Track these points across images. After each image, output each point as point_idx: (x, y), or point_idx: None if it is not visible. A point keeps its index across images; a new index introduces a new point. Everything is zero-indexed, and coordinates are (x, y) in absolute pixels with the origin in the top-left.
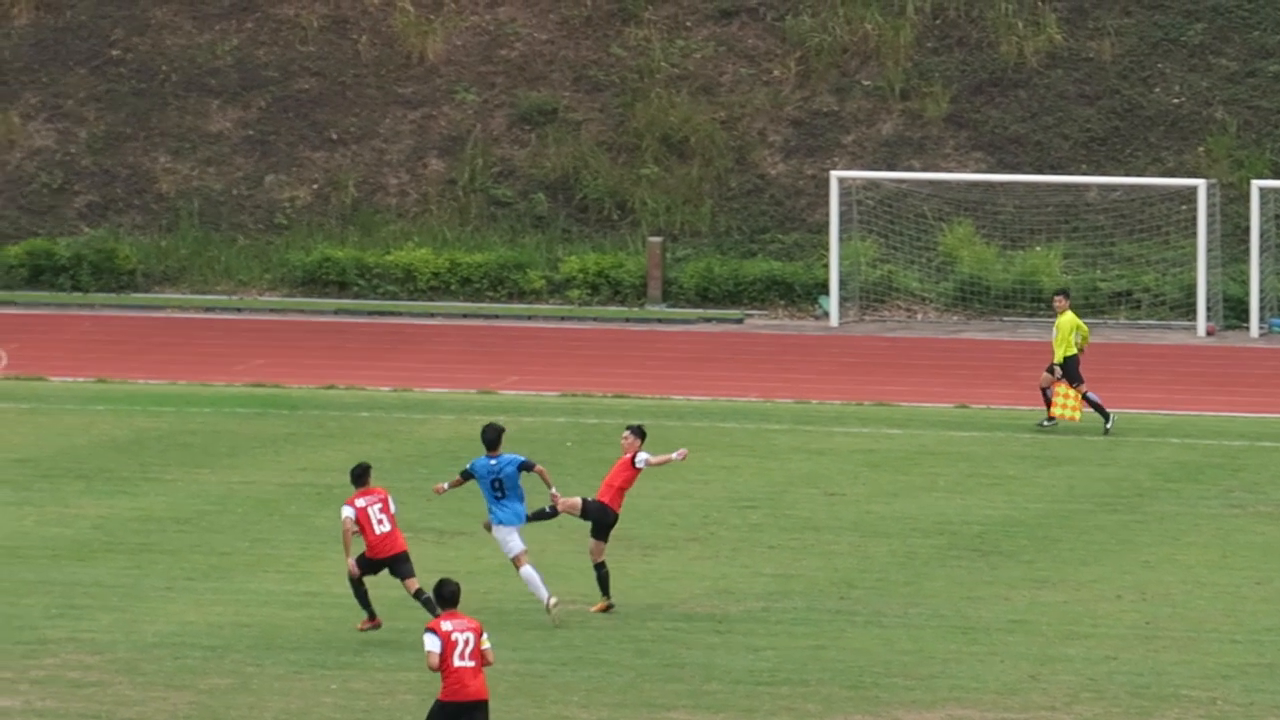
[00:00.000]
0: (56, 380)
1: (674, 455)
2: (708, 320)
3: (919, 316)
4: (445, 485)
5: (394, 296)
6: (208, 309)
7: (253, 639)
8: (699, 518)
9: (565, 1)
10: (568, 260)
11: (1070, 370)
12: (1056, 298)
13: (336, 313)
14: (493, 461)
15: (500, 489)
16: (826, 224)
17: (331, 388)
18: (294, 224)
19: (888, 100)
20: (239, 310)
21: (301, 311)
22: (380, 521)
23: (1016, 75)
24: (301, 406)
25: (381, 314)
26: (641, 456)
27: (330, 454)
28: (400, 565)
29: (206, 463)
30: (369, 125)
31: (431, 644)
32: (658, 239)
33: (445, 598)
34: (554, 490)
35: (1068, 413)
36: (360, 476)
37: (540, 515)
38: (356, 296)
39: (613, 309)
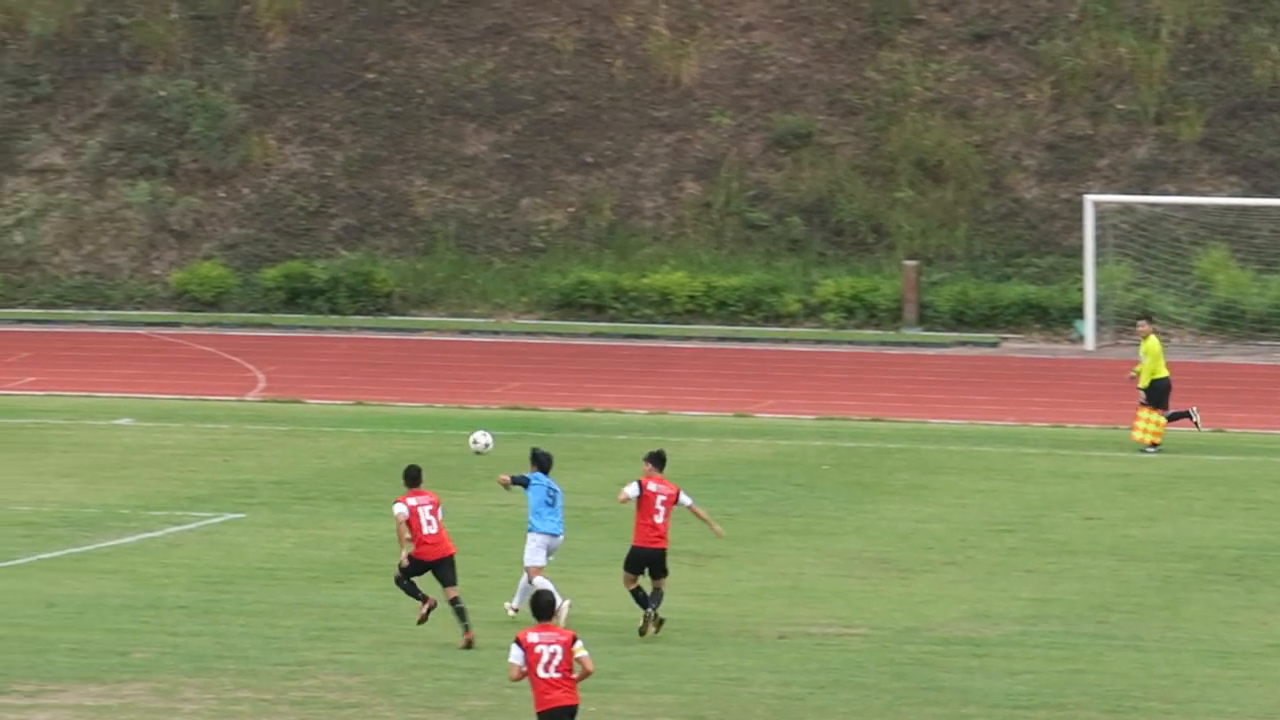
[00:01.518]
0: (314, 403)
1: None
2: (963, 344)
3: (1175, 340)
4: (509, 477)
5: (650, 320)
6: (464, 332)
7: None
8: (956, 541)
9: (820, 25)
10: (823, 284)
11: (1158, 394)
12: (1140, 323)
13: (593, 336)
14: (549, 481)
15: (553, 501)
16: (1081, 248)
17: (588, 410)
18: (550, 247)
19: (1142, 124)
20: (495, 333)
21: (558, 334)
22: (429, 523)
23: (1271, 99)
24: (558, 429)
25: (637, 337)
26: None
27: (587, 477)
28: (444, 570)
29: (463, 485)
30: (624, 148)
31: (515, 656)
32: (913, 262)
33: (540, 609)
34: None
35: (1148, 438)
36: (413, 478)
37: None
38: (612, 319)
39: (868, 332)
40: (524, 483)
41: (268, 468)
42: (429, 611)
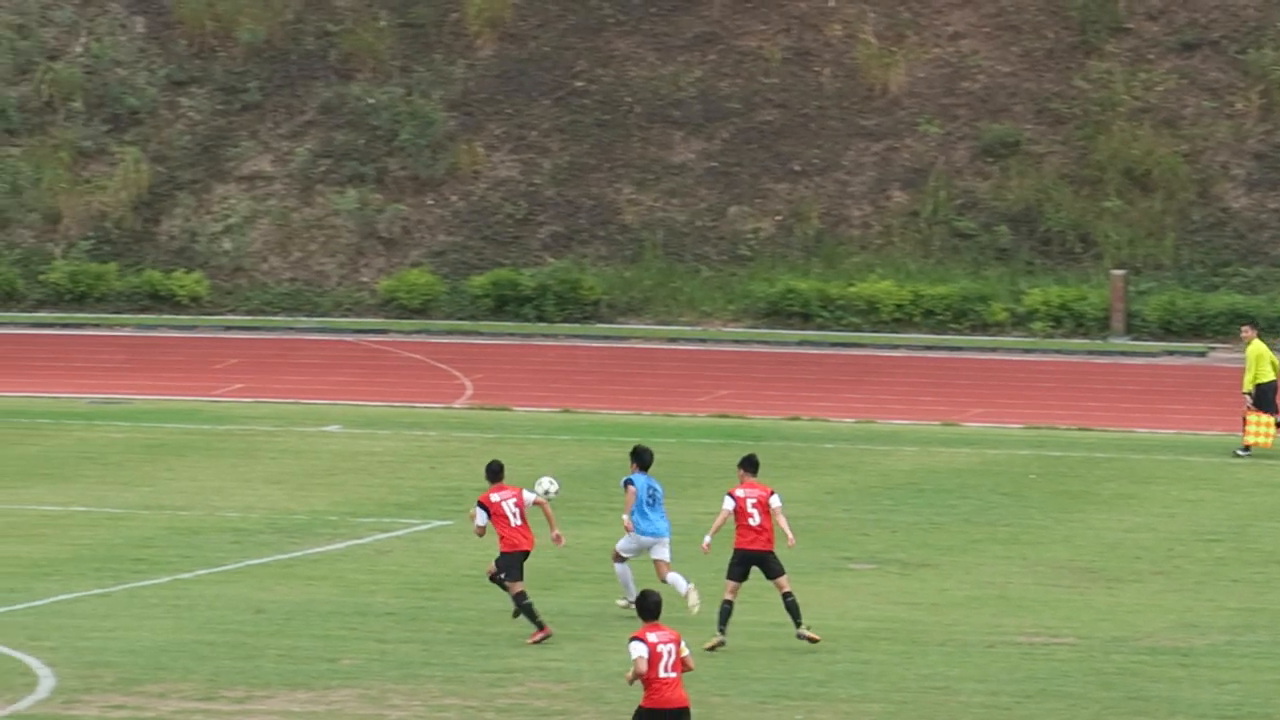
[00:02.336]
0: (521, 410)
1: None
2: (1170, 353)
3: None
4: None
5: (857, 328)
6: (671, 340)
7: (718, 669)
8: (1163, 551)
9: (1028, 34)
10: (1030, 293)
11: (1264, 398)
12: (1245, 328)
13: (800, 344)
14: (650, 480)
15: (653, 500)
16: None
17: (795, 419)
18: (757, 255)
19: None
20: (702, 341)
21: (764, 343)
22: (513, 515)
23: None
24: (765, 437)
25: (844, 345)
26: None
27: (794, 485)
28: (522, 563)
29: (671, 493)
30: (832, 157)
31: (640, 651)
32: (1120, 272)
33: (648, 609)
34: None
35: (1261, 440)
36: (495, 472)
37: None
38: (819, 328)
39: (1075, 341)
40: (629, 484)
41: (475, 475)
42: (541, 639)
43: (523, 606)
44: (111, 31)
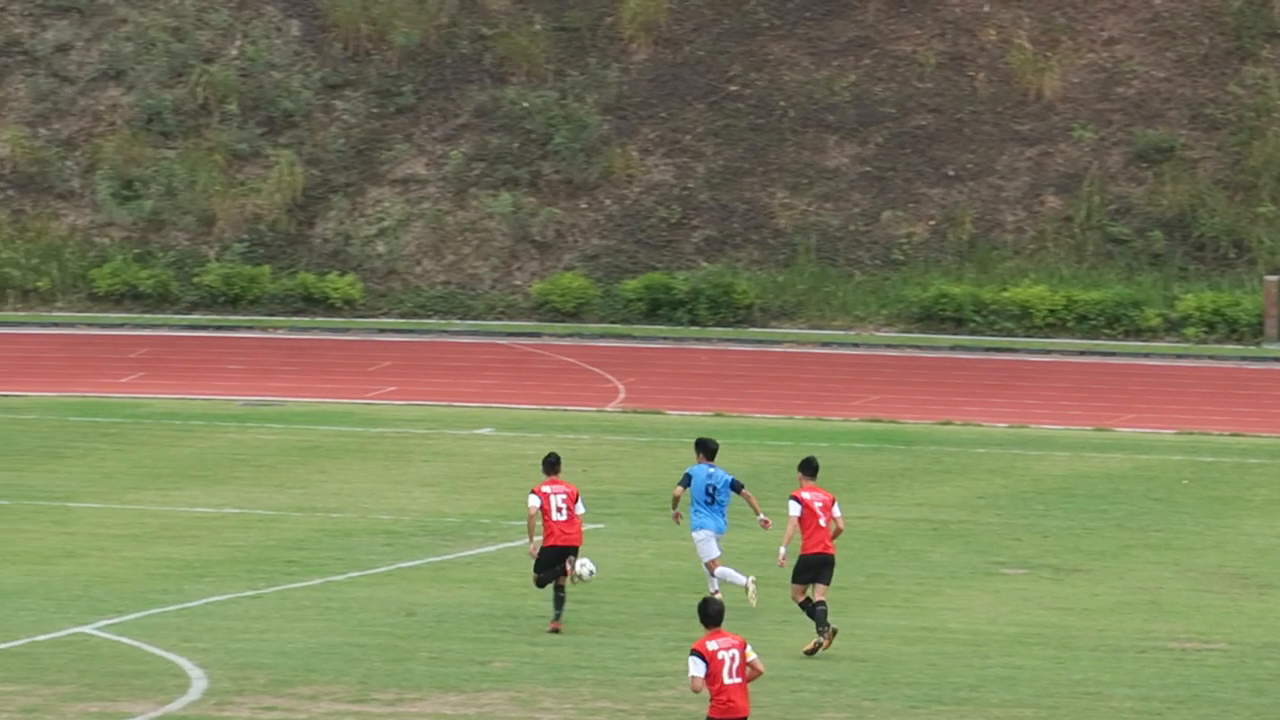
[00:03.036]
0: (674, 414)
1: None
2: None
3: None
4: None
5: (1010, 333)
6: (824, 344)
7: (868, 674)
8: None
9: (1182, 39)
10: (1184, 298)
11: None
12: None
13: (952, 349)
14: (710, 470)
15: (712, 496)
16: None
17: (947, 423)
18: (910, 260)
19: None
20: (855, 345)
21: (917, 347)
22: (560, 510)
23: None
24: (917, 442)
25: (997, 350)
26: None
27: (946, 490)
28: (570, 557)
29: None
30: (985, 162)
31: (696, 668)
32: (1275, 278)
33: (710, 616)
34: (761, 515)
35: None
36: (551, 465)
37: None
38: (972, 333)
39: (1229, 347)
40: (685, 482)
41: (627, 478)
42: (554, 631)
43: (558, 595)
44: (267, 35)
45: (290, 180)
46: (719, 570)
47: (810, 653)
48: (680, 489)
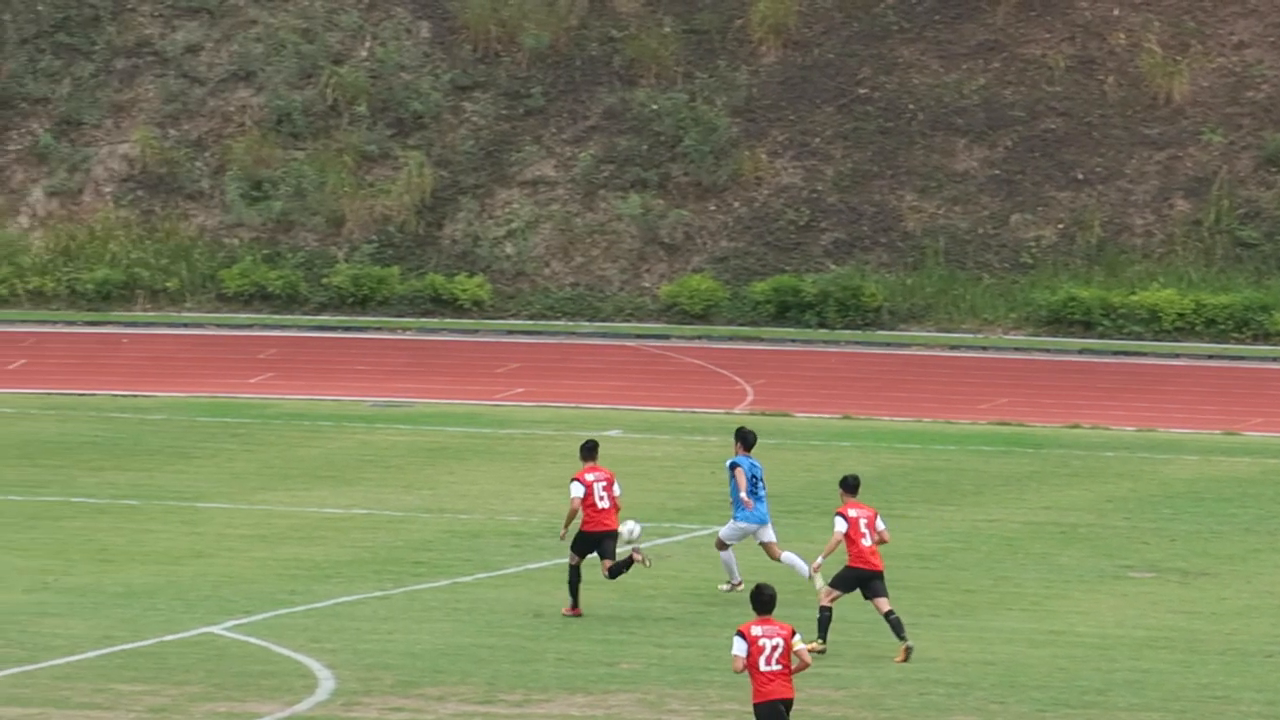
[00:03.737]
0: (801, 416)
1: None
2: None
3: None
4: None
5: (1138, 337)
6: (952, 347)
7: (996, 677)
8: None
9: None
10: None
11: None
12: None
13: (1081, 352)
14: (752, 460)
15: (755, 486)
16: None
17: (1075, 426)
18: (1039, 263)
19: None
20: (984, 349)
21: (1046, 350)
22: (601, 498)
23: None
24: (1045, 445)
25: (1125, 354)
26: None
27: (1074, 493)
28: (606, 543)
29: (951, 500)
30: (1114, 165)
31: (739, 648)
32: None
33: (763, 602)
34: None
35: None
36: (589, 451)
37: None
38: (1101, 336)
39: None
40: (735, 467)
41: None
42: (573, 617)
43: (575, 579)
44: (396, 36)
45: (419, 181)
46: (723, 557)
47: (904, 660)
48: (744, 476)
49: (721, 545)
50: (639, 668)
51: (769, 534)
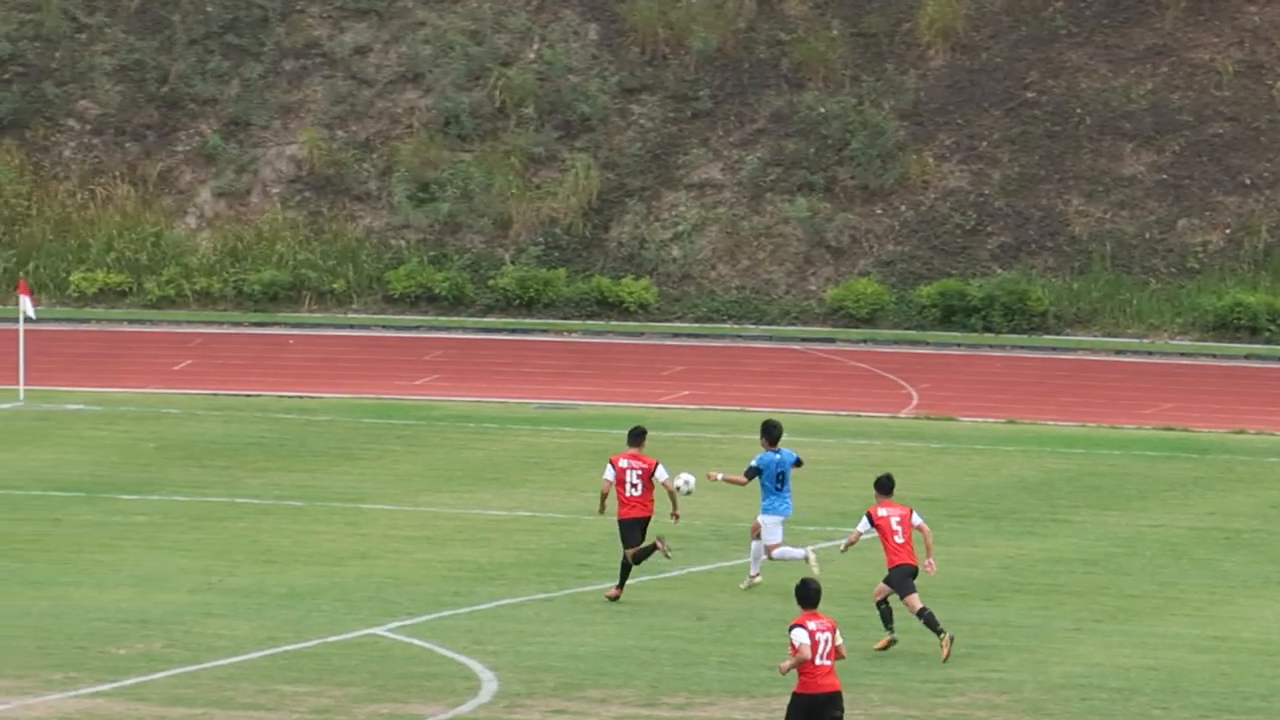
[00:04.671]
0: (966, 420)
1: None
2: None
3: None
4: (720, 475)
5: None
6: (1118, 352)
7: (1159, 682)
8: None
9: None
10: None
11: None
12: None
13: (1246, 358)
14: (776, 456)
15: (781, 482)
16: None
17: (1240, 432)
18: (1205, 268)
19: None
20: (1149, 354)
21: (1211, 356)
22: (633, 486)
23: None
24: (1210, 450)
25: None
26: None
27: (1238, 498)
28: (637, 531)
29: (1115, 505)
30: None
31: (802, 638)
32: None
33: (808, 597)
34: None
35: None
36: (636, 437)
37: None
38: (1267, 342)
39: None
40: (755, 473)
41: (920, 485)
42: (614, 598)
43: (625, 565)
44: (564, 38)
45: (586, 184)
46: (777, 551)
47: (948, 653)
48: (743, 478)
49: (769, 550)
50: None
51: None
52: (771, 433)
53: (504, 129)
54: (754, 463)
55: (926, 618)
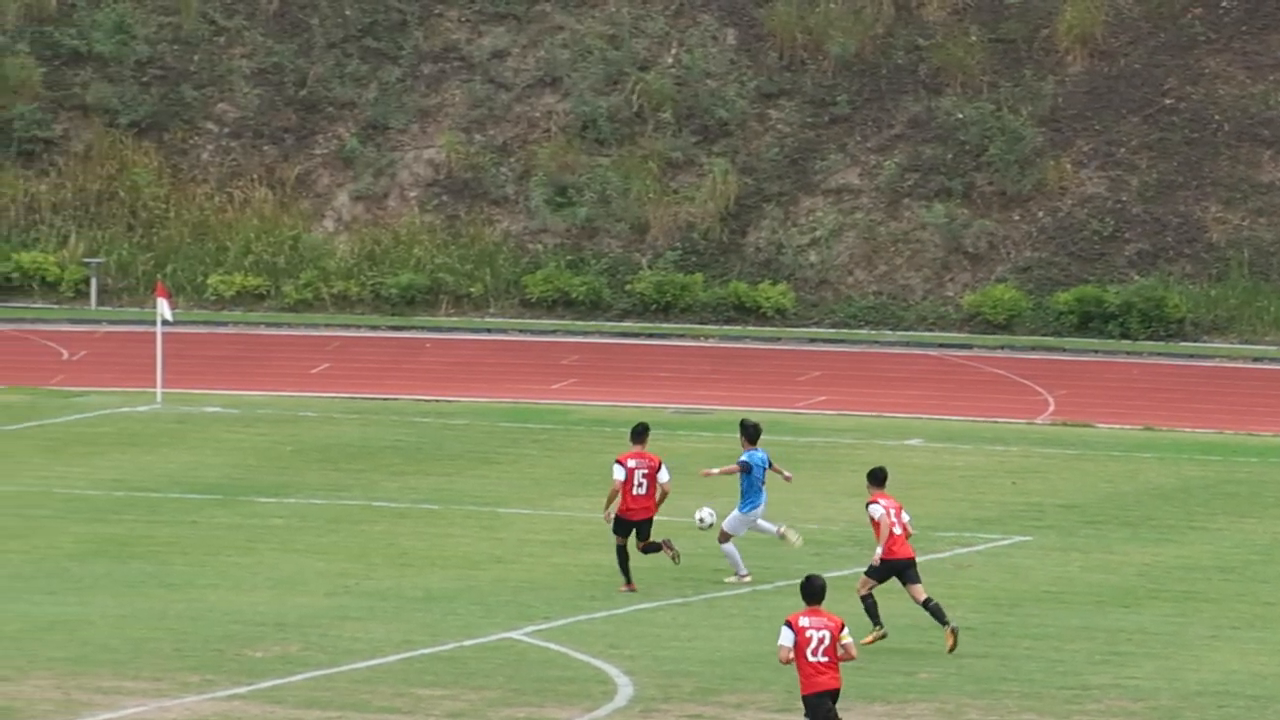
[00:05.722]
0: (1103, 427)
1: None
2: None
3: None
4: (716, 470)
5: None
6: (1255, 359)
7: None
8: None
9: None
10: None
11: None
12: None
13: None
14: (759, 454)
15: (763, 479)
16: None
17: None
18: None
19: None
20: None
21: None
22: (639, 485)
23: None
24: None
25: None
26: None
27: None
28: (642, 527)
29: (1252, 512)
30: None
31: (785, 639)
32: None
33: (813, 593)
34: (786, 473)
35: None
36: (639, 434)
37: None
38: None
39: None
40: (748, 467)
41: (1056, 491)
42: (627, 591)
43: (621, 561)
44: (702, 43)
45: (724, 189)
46: (725, 550)
47: (953, 644)
48: (736, 468)
49: (724, 537)
50: (937, 677)
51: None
52: (749, 433)
53: (641, 133)
54: (744, 458)
55: (933, 608)
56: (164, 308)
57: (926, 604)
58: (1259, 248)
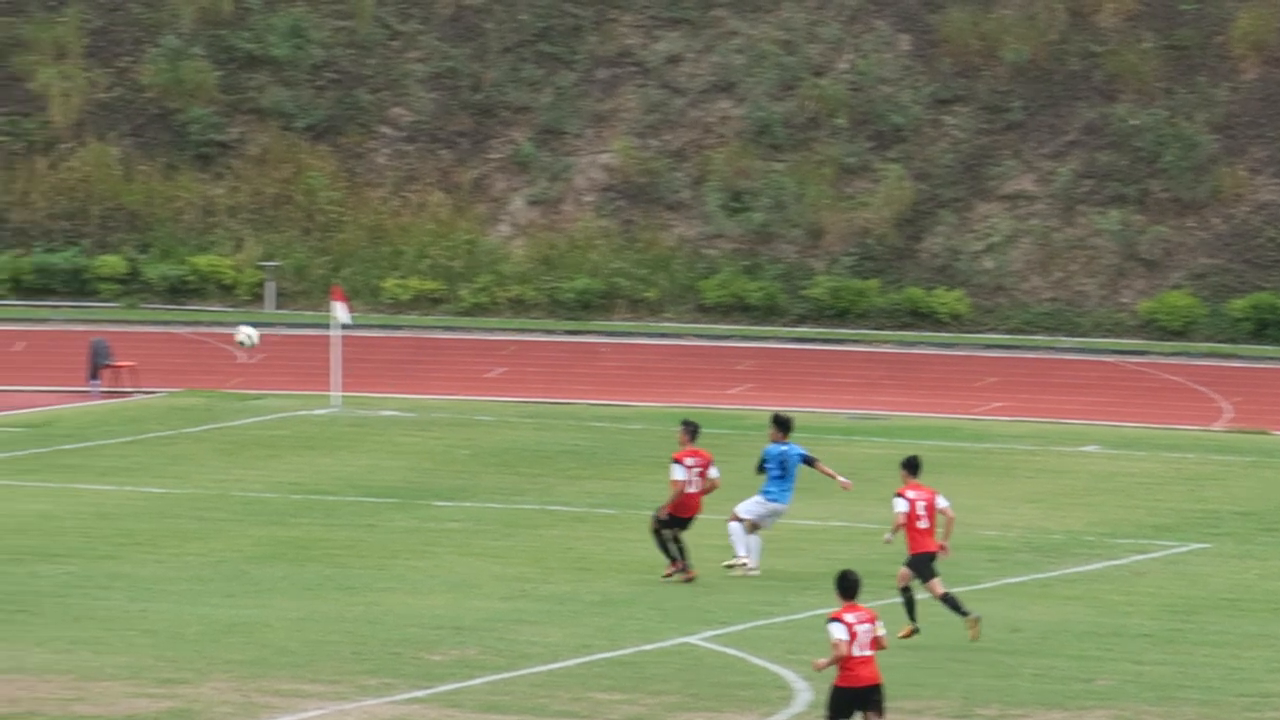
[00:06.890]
0: None
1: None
2: None
3: None
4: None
5: None
6: None
7: None
8: None
9: None
10: None
11: None
12: None
13: None
14: (783, 448)
15: (784, 471)
16: None
17: None
18: None
19: None
20: None
21: None
22: (691, 483)
23: None
24: None
25: None
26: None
27: None
28: (691, 523)
29: None
30: None
31: (840, 633)
32: None
33: (848, 589)
34: (842, 479)
35: None
36: (692, 432)
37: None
38: None
39: None
40: (761, 463)
41: (1233, 498)
42: (673, 575)
43: (675, 542)
44: (877, 49)
45: (899, 195)
46: (736, 525)
47: (976, 633)
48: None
49: (735, 517)
50: (1115, 684)
51: (770, 521)
52: (783, 425)
53: (816, 139)
54: (767, 451)
55: (950, 602)
56: (341, 311)
57: (944, 598)
58: None
